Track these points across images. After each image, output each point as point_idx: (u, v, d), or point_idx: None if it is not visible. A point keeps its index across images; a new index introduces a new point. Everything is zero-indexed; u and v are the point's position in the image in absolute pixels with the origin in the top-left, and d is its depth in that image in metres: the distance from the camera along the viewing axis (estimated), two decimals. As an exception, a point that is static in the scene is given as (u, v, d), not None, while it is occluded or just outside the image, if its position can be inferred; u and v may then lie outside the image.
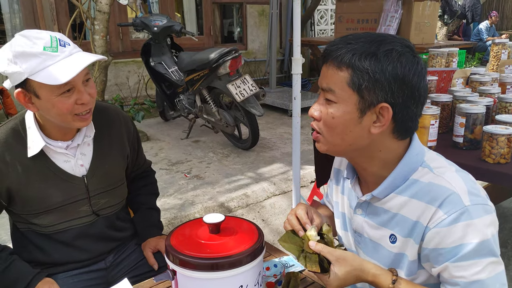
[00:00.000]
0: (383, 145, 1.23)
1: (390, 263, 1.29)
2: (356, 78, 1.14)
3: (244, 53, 8.29)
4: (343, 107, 1.18)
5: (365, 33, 1.20)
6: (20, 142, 1.61)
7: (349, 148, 1.24)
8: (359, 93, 1.15)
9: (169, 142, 5.63)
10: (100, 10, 4.69)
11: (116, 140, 1.82)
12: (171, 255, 1.25)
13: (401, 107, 1.16)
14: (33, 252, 1.74)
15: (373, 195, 1.28)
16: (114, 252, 1.88)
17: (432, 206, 1.16)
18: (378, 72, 1.12)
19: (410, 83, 1.14)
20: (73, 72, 1.44)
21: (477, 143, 2.25)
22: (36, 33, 1.46)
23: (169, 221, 3.61)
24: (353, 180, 1.39)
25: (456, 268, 1.13)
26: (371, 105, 1.16)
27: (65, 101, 1.50)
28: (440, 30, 12.47)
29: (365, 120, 1.18)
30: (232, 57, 4.61)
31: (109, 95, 6.40)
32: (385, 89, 1.13)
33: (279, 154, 5.17)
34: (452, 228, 1.12)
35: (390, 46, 1.14)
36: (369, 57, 1.13)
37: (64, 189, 1.68)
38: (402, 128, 1.20)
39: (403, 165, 1.23)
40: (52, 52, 1.44)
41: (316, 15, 9.69)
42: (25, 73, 1.44)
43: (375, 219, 1.32)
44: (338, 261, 1.19)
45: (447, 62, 3.12)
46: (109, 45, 5.99)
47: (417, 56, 1.17)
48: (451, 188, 1.15)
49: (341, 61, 1.15)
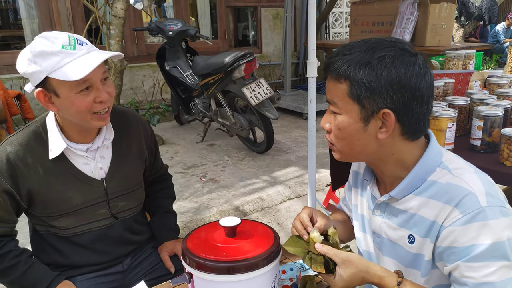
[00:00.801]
0: (396, 148, 1.24)
1: (408, 263, 1.30)
2: (354, 89, 1.16)
3: (258, 56, 8.30)
4: (347, 118, 1.21)
5: (361, 41, 1.21)
6: (41, 145, 1.63)
7: (361, 155, 1.27)
8: (359, 103, 1.17)
9: (184, 146, 5.65)
10: (116, 15, 4.73)
11: (134, 144, 1.84)
12: (188, 258, 1.25)
13: (404, 110, 1.17)
14: (52, 254, 1.76)
15: (391, 195, 1.28)
16: (131, 255, 1.90)
17: (448, 205, 1.16)
18: (374, 80, 1.14)
19: (408, 85, 1.14)
20: (90, 68, 1.46)
21: (495, 146, 2.22)
22: (54, 33, 1.50)
23: (185, 224, 3.62)
24: (371, 181, 1.39)
25: (467, 268, 1.13)
26: (373, 112, 1.17)
27: (83, 99, 1.52)
28: (457, 32, 12.37)
29: (370, 127, 1.20)
30: (246, 60, 4.62)
31: (124, 99, 6.45)
32: (383, 96, 1.15)
33: (294, 158, 5.16)
34: (467, 227, 1.12)
35: (382, 53, 1.15)
36: (363, 66, 1.14)
37: (84, 192, 1.70)
38: (411, 129, 1.21)
39: (420, 166, 1.23)
40: (70, 50, 1.48)
41: (330, 18, 9.67)
42: (45, 72, 1.47)
43: (393, 220, 1.32)
44: (344, 263, 1.20)
45: (464, 64, 3.10)
46: (124, 50, 6.04)
47: (414, 56, 1.17)
48: (469, 188, 1.15)
49: (338, 73, 1.18)
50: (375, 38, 1.21)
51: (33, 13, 6.29)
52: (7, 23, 7.30)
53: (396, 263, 1.35)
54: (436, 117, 2.19)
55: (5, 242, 1.67)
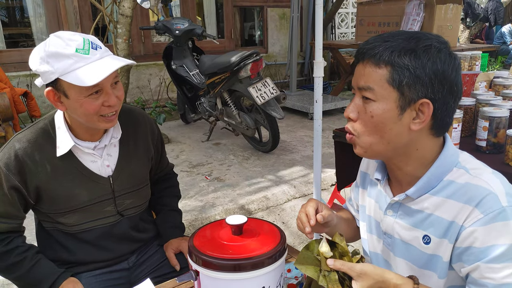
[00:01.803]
0: (421, 143, 1.23)
1: (423, 264, 1.28)
2: (397, 75, 1.14)
3: (264, 56, 8.31)
4: (383, 104, 1.18)
5: (400, 31, 1.20)
6: (49, 142, 1.65)
7: (388, 147, 1.23)
8: (400, 89, 1.15)
9: (190, 145, 5.67)
10: (123, 14, 4.75)
11: (141, 142, 1.85)
12: (194, 256, 1.26)
13: (441, 103, 1.16)
14: (58, 251, 1.78)
15: (407, 194, 1.27)
16: (137, 253, 1.91)
17: (469, 205, 1.15)
18: (419, 68, 1.13)
19: (449, 78, 1.15)
20: (102, 75, 1.47)
21: (501, 147, 2.22)
22: (70, 35, 1.50)
23: (190, 222, 3.63)
24: (383, 181, 1.38)
25: (487, 268, 1.11)
26: (411, 101, 1.16)
27: (92, 102, 1.54)
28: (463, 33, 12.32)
29: (405, 117, 1.18)
30: (253, 60, 4.63)
31: (130, 97, 6.47)
32: (426, 85, 1.14)
33: (299, 157, 5.16)
34: (488, 227, 1.11)
35: (428, 42, 1.14)
36: (409, 53, 1.13)
37: (91, 189, 1.71)
38: (441, 124, 1.20)
39: (438, 165, 1.22)
40: (83, 54, 1.48)
41: (337, 18, 9.66)
42: (56, 73, 1.48)
43: (407, 220, 1.30)
44: (360, 276, 1.15)
45: (470, 65, 3.09)
46: (131, 48, 6.05)
47: (453, 52, 1.17)
48: (489, 188, 1.14)
49: (379, 58, 1.16)
50: (414, 31, 1.20)
51: (40, 11, 6.32)
52: (14, 21, 7.34)
53: (409, 264, 1.33)
54: (442, 117, 2.19)
55: (12, 238, 1.68)
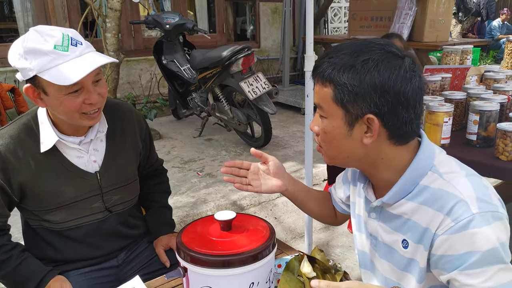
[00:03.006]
0: (384, 153, 1.21)
1: (403, 267, 1.29)
2: (338, 93, 1.14)
3: (257, 51, 8.27)
4: (332, 122, 1.19)
5: (349, 43, 1.19)
6: (32, 138, 1.62)
7: (348, 160, 1.25)
8: (343, 107, 1.15)
9: (181, 141, 5.64)
10: (112, 8, 4.71)
11: (129, 137, 1.83)
12: (182, 252, 1.24)
13: (389, 115, 1.14)
14: (45, 249, 1.75)
15: (383, 201, 1.27)
16: (126, 250, 1.89)
17: (440, 213, 1.14)
18: (357, 85, 1.11)
19: (393, 90, 1.11)
20: (81, 74, 1.44)
21: (491, 141, 2.22)
22: (49, 29, 1.46)
23: (181, 219, 3.62)
24: (365, 185, 1.37)
25: (464, 276, 1.11)
26: (357, 117, 1.15)
27: (72, 100, 1.50)
28: (455, 28, 12.37)
29: (355, 132, 1.18)
30: (244, 54, 4.61)
31: (121, 93, 6.43)
32: (367, 101, 1.12)
33: (292, 153, 5.16)
34: (460, 235, 1.10)
35: (367, 56, 1.12)
36: (347, 70, 1.12)
37: (77, 185, 1.69)
38: (398, 134, 1.18)
39: (411, 171, 1.21)
40: (62, 51, 1.44)
41: (329, 13, 9.64)
42: (34, 70, 1.44)
43: (388, 224, 1.30)
44: None
45: (461, 59, 3.09)
46: (121, 43, 6.01)
47: (402, 59, 1.14)
48: (459, 195, 1.13)
49: (323, 77, 1.17)
50: (364, 40, 1.18)
51: (27, 6, 6.25)
52: (2, 16, 7.28)
53: (391, 266, 1.33)
54: (432, 111, 2.19)
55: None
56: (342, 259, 3.24)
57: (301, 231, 3.66)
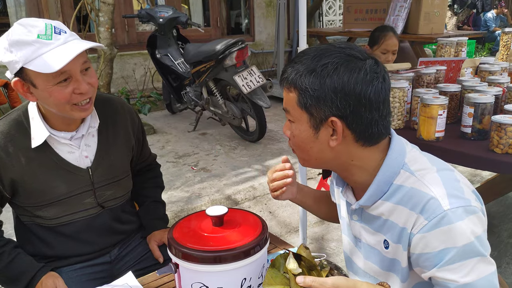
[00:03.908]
0: (353, 155, 1.22)
1: (387, 267, 1.29)
2: (301, 97, 1.16)
3: (251, 44, 8.25)
4: (299, 125, 1.22)
5: (313, 48, 1.20)
6: (23, 133, 1.60)
7: (318, 162, 1.27)
8: (307, 111, 1.17)
9: (176, 135, 5.62)
10: (105, 2, 4.68)
11: (121, 131, 1.81)
12: (174, 248, 1.23)
13: (352, 117, 1.15)
14: (37, 245, 1.74)
15: (360, 204, 1.27)
16: (119, 246, 1.87)
17: (414, 212, 1.15)
18: (318, 89, 1.13)
19: (353, 92, 1.12)
20: (65, 60, 1.41)
21: (486, 133, 2.21)
22: (32, 21, 1.45)
23: (176, 214, 3.61)
24: (343, 188, 1.37)
25: (444, 272, 1.11)
26: (321, 120, 1.17)
27: (62, 90, 1.48)
28: (450, 20, 12.36)
29: (321, 135, 1.19)
30: (238, 48, 4.59)
31: (115, 88, 6.40)
32: (328, 104, 1.14)
33: (286, 146, 5.14)
34: (434, 233, 1.11)
35: (326, 60, 1.14)
36: (309, 74, 1.14)
37: (69, 181, 1.67)
38: (364, 135, 1.18)
39: (384, 171, 1.21)
40: (46, 40, 1.43)
41: (324, 6, 9.63)
42: (20, 62, 1.43)
43: (370, 225, 1.31)
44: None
45: (456, 51, 3.08)
46: (114, 37, 5.98)
47: (363, 60, 1.15)
48: (430, 192, 1.13)
49: (288, 81, 1.19)
50: (327, 45, 1.19)
51: (20, 1, 6.20)
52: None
53: (375, 267, 1.33)
54: (427, 104, 2.18)
55: None
56: (336, 253, 3.24)
57: (296, 225, 3.66)
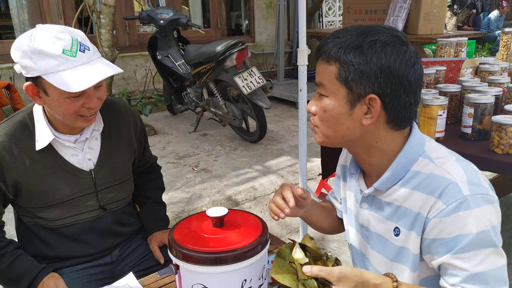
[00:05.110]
0: (379, 136, 1.23)
1: (393, 257, 1.29)
2: (343, 71, 1.16)
3: (251, 45, 8.25)
4: (333, 100, 1.20)
5: (355, 26, 1.21)
6: (28, 135, 1.60)
7: (343, 140, 1.26)
8: (347, 85, 1.17)
9: (176, 136, 5.62)
10: (106, 4, 4.69)
11: (123, 135, 1.82)
12: (174, 250, 1.23)
13: (390, 97, 1.16)
14: (39, 246, 1.74)
15: (375, 187, 1.27)
16: (120, 247, 1.88)
17: (432, 196, 1.15)
18: (363, 63, 1.14)
19: (397, 73, 1.14)
20: (86, 85, 1.42)
21: (486, 134, 2.21)
22: (58, 32, 1.44)
23: (177, 214, 3.61)
24: (357, 174, 1.38)
25: (456, 259, 1.12)
26: (360, 97, 1.17)
27: (72, 103, 1.49)
28: (450, 20, 12.34)
29: (355, 112, 1.19)
30: (238, 49, 4.59)
31: (116, 89, 6.40)
32: (372, 80, 1.14)
33: (287, 147, 5.15)
34: (451, 218, 1.11)
35: (374, 37, 1.15)
36: (354, 49, 1.15)
37: (72, 183, 1.68)
38: (396, 118, 1.20)
39: (402, 156, 1.23)
40: (70, 57, 1.42)
41: (324, 7, 9.62)
42: (39, 71, 1.42)
43: (380, 213, 1.31)
44: (340, 280, 1.11)
45: (456, 52, 3.08)
46: (115, 39, 5.99)
47: (406, 45, 1.17)
48: (450, 177, 1.14)
49: (329, 55, 1.18)
50: (369, 25, 1.20)
51: (23, 3, 6.22)
52: (-4, 13, 7.24)
53: (381, 257, 1.34)
54: (427, 104, 2.18)
55: None
56: (338, 254, 3.24)
57: (296, 226, 3.65)
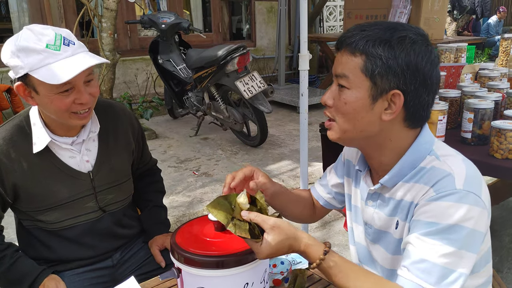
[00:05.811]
0: (394, 134, 1.23)
1: (393, 250, 1.31)
2: (370, 64, 1.16)
3: (252, 50, 8.27)
4: (356, 93, 1.19)
5: (379, 21, 1.21)
6: (25, 139, 1.61)
7: (360, 135, 1.25)
8: (372, 79, 1.17)
9: (177, 140, 5.63)
10: (107, 8, 4.71)
11: (121, 136, 1.83)
12: (176, 253, 1.24)
13: (413, 95, 1.17)
14: (39, 249, 1.75)
15: (381, 183, 1.28)
16: (121, 250, 1.89)
17: (427, 186, 1.17)
18: (391, 58, 1.14)
19: (423, 71, 1.15)
20: (71, 74, 1.44)
21: (486, 139, 2.22)
22: (41, 28, 1.46)
23: (178, 218, 3.61)
24: (364, 172, 1.39)
25: (418, 240, 1.13)
26: (383, 91, 1.17)
27: (63, 99, 1.50)
28: (450, 26, 12.36)
29: (376, 106, 1.19)
30: (240, 54, 4.60)
31: (117, 93, 6.42)
32: (398, 76, 1.15)
33: (287, 151, 5.15)
34: (436, 204, 1.13)
35: (403, 33, 1.15)
36: (383, 43, 1.14)
37: (70, 185, 1.69)
38: (414, 116, 1.21)
39: (410, 153, 1.24)
40: (54, 50, 1.44)
41: (325, 12, 9.65)
42: (26, 68, 1.45)
43: (384, 210, 1.31)
44: (273, 229, 1.14)
45: (456, 57, 3.09)
46: (117, 43, 6.00)
47: (430, 45, 1.18)
48: (449, 170, 1.16)
49: (355, 47, 1.17)
50: (392, 21, 1.21)
51: (23, 6, 6.24)
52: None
53: (385, 252, 1.35)
54: (427, 110, 2.19)
55: None
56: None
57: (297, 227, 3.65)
